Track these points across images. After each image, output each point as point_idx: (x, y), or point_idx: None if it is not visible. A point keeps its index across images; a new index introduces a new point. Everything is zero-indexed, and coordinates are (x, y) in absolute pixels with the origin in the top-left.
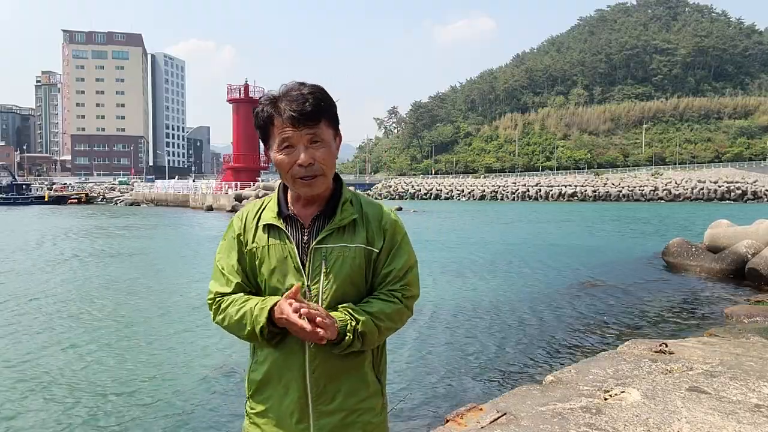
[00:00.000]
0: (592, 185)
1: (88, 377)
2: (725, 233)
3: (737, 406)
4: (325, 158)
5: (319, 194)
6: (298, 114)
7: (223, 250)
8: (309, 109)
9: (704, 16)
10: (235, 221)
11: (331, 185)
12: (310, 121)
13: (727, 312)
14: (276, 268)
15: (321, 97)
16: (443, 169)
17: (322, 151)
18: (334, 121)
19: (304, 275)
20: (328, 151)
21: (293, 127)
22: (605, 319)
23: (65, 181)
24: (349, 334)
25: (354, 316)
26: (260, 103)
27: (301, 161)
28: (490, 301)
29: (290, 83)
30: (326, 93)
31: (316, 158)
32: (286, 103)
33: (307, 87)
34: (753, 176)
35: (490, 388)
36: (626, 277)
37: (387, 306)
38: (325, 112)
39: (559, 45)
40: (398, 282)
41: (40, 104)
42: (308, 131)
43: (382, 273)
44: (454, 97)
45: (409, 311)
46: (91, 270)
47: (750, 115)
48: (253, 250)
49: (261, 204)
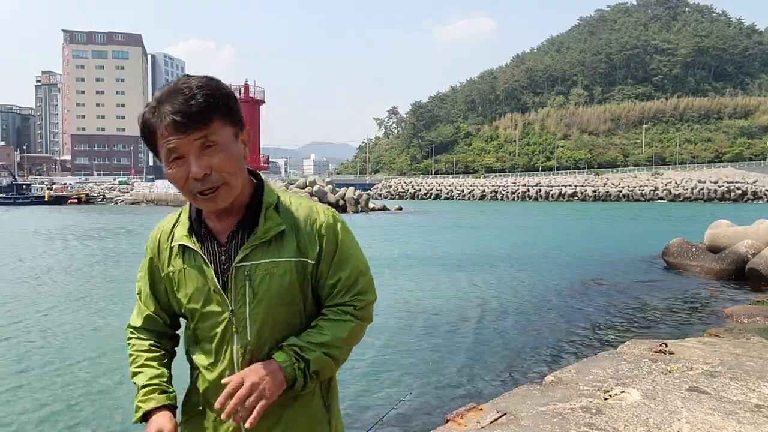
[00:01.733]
0: (592, 185)
1: (87, 378)
2: (725, 233)
3: (737, 407)
4: (225, 164)
5: (233, 204)
6: (180, 117)
7: (141, 271)
8: (193, 109)
9: (704, 16)
10: (148, 242)
11: (247, 190)
12: (198, 123)
13: (727, 312)
14: (194, 294)
15: (209, 90)
16: (443, 169)
17: (219, 157)
18: (231, 115)
19: (227, 300)
20: (227, 155)
21: (178, 134)
22: (605, 319)
23: (65, 181)
24: (299, 378)
25: (302, 356)
26: (144, 108)
27: (194, 174)
28: (490, 301)
29: (176, 79)
30: (216, 83)
31: (213, 166)
32: (166, 106)
33: (193, 80)
34: (753, 176)
35: (490, 388)
36: (626, 277)
37: (340, 329)
38: (216, 109)
39: (559, 45)
40: (348, 293)
41: (40, 104)
42: (197, 135)
43: (327, 285)
44: (454, 97)
45: (366, 322)
46: (95, 270)
47: (750, 115)
48: (169, 275)
49: (175, 219)
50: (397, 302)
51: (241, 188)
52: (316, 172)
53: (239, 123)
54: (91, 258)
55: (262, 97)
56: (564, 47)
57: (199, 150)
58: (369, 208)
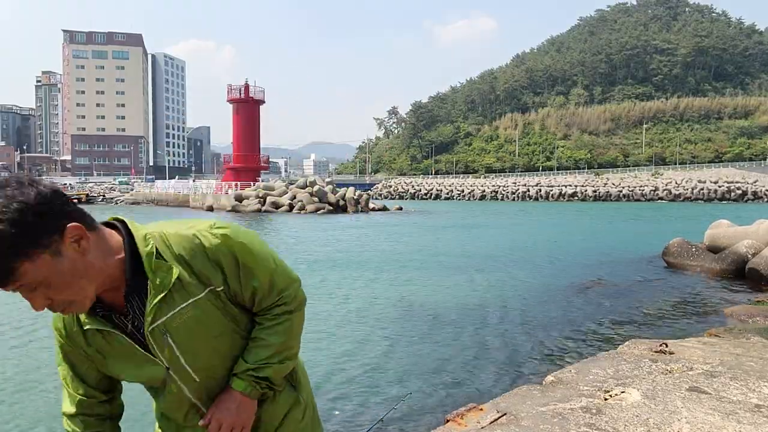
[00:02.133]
0: (592, 185)
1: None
2: (725, 233)
3: (737, 407)
4: (56, 294)
5: (108, 282)
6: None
7: (57, 356)
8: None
9: (704, 16)
10: (53, 329)
11: (112, 261)
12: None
13: (728, 312)
14: (126, 368)
15: (8, 232)
16: (443, 169)
17: (47, 293)
18: (36, 244)
19: (160, 362)
20: (53, 287)
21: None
22: (605, 319)
23: (65, 181)
24: (266, 393)
25: (258, 377)
26: None
27: (36, 310)
28: (490, 300)
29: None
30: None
31: (49, 298)
32: None
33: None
34: (753, 176)
35: (490, 388)
36: (626, 277)
37: (281, 332)
38: (21, 247)
39: (559, 45)
40: (270, 296)
41: (41, 104)
42: (11, 288)
43: (247, 298)
44: (454, 97)
45: (301, 309)
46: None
47: (750, 115)
48: (90, 354)
49: None
50: (397, 302)
51: (96, 289)
52: (316, 172)
53: (52, 235)
54: None
55: (262, 97)
56: (564, 47)
57: (26, 293)
58: (369, 208)
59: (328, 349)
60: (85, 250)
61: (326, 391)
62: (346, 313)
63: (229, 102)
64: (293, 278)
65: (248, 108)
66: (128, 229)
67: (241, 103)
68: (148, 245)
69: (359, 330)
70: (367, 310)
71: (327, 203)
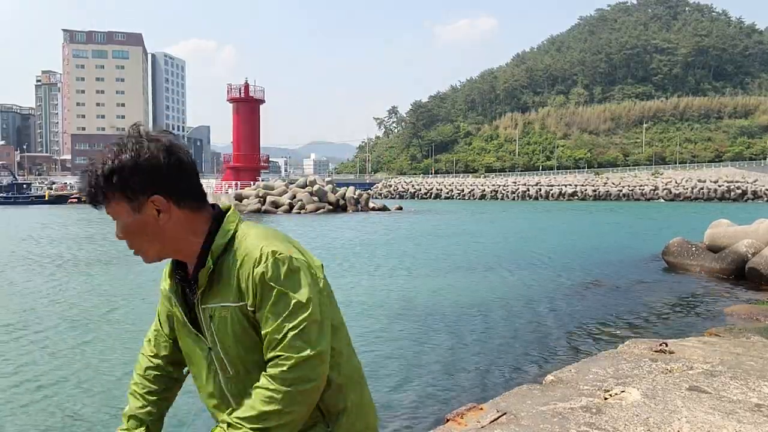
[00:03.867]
0: (592, 185)
1: (89, 380)
2: (725, 233)
3: (737, 406)
4: (123, 236)
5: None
6: (85, 196)
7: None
8: (91, 190)
9: (704, 16)
10: (162, 277)
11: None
12: (95, 204)
13: (728, 311)
14: (180, 334)
15: (107, 170)
16: (443, 168)
17: (121, 229)
18: (132, 191)
19: (204, 341)
20: (123, 228)
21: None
22: (605, 318)
23: (65, 181)
24: None
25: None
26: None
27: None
28: (490, 300)
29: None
30: (118, 158)
31: (121, 235)
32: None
33: (102, 156)
34: (753, 176)
35: (490, 388)
36: (626, 277)
37: (264, 400)
38: (113, 188)
39: (559, 44)
40: (275, 348)
41: (41, 104)
42: (104, 210)
43: (262, 335)
44: (454, 97)
45: (299, 386)
46: (107, 272)
47: (750, 114)
48: (170, 314)
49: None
50: (396, 302)
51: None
52: (316, 172)
53: (138, 195)
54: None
55: (262, 96)
56: (564, 47)
57: (113, 218)
58: (369, 208)
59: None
60: (162, 220)
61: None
62: (345, 313)
63: (229, 101)
64: (310, 345)
65: (248, 107)
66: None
67: (241, 103)
68: (222, 239)
69: (359, 330)
70: (367, 309)
71: (327, 203)
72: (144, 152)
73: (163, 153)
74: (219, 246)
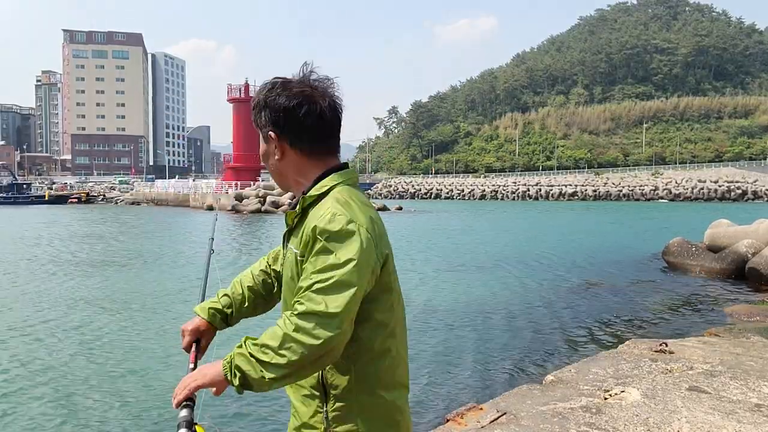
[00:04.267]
0: (592, 185)
1: (90, 381)
2: (725, 233)
3: (737, 406)
4: (261, 159)
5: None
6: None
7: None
8: (251, 118)
9: (704, 16)
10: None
11: (305, 183)
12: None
13: (728, 311)
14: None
15: (253, 103)
16: (443, 168)
17: (260, 152)
18: (263, 123)
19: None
20: (261, 152)
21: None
22: (605, 318)
23: (65, 181)
24: (227, 374)
25: (235, 351)
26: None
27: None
28: (490, 300)
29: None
30: (258, 94)
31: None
32: None
33: (261, 87)
34: (753, 176)
35: (490, 388)
36: (626, 277)
37: (272, 333)
38: (254, 117)
39: (559, 44)
40: (296, 295)
41: (41, 104)
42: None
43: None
44: (454, 97)
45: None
46: (109, 273)
47: (750, 114)
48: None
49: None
50: None
51: (277, 177)
52: None
53: (262, 128)
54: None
55: None
56: (564, 47)
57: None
58: None
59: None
60: (277, 155)
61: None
62: None
63: (229, 102)
64: (324, 303)
65: (248, 107)
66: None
67: (241, 103)
68: (318, 191)
69: None
70: None
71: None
72: (276, 94)
73: (292, 99)
74: (311, 196)
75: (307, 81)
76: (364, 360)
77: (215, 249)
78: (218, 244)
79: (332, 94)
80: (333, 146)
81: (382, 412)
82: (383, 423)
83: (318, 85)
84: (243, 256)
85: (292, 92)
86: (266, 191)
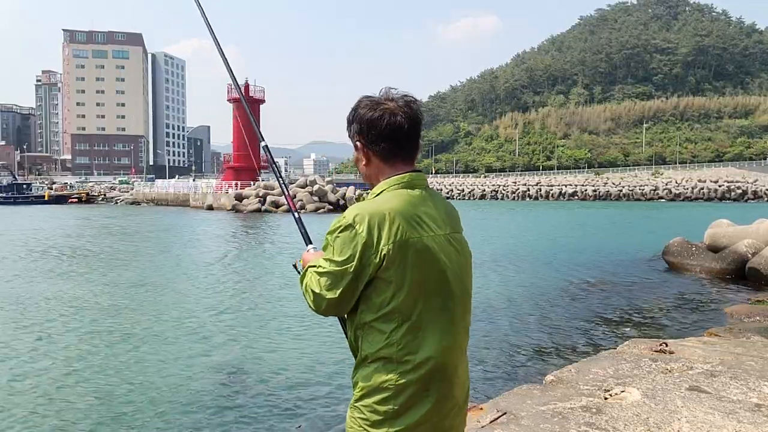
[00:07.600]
0: (592, 185)
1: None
2: (725, 233)
3: (737, 406)
4: (355, 163)
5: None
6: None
7: None
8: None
9: (704, 16)
10: None
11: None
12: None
13: (728, 311)
14: None
15: (348, 117)
16: (443, 168)
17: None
18: (353, 134)
19: None
20: (354, 156)
21: None
22: (605, 318)
23: (66, 181)
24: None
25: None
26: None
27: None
28: (489, 300)
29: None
30: (351, 111)
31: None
32: None
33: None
34: (753, 176)
35: (490, 388)
36: (626, 277)
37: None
38: (348, 128)
39: (559, 44)
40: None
41: (41, 104)
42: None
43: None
44: (455, 97)
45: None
46: (112, 270)
47: (750, 114)
48: None
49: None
50: None
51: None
52: (316, 172)
53: (353, 138)
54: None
55: (262, 96)
56: (564, 46)
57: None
58: None
59: (329, 352)
60: (363, 161)
61: (322, 392)
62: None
63: (229, 101)
64: (315, 291)
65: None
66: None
67: (241, 103)
68: (364, 198)
69: None
70: None
71: (327, 202)
72: (363, 111)
73: (375, 114)
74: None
75: (390, 96)
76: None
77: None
78: (218, 244)
79: (412, 108)
80: (408, 154)
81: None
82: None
83: (398, 100)
84: (243, 256)
85: (375, 107)
86: (266, 191)
